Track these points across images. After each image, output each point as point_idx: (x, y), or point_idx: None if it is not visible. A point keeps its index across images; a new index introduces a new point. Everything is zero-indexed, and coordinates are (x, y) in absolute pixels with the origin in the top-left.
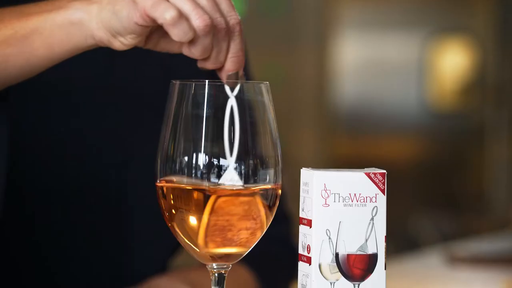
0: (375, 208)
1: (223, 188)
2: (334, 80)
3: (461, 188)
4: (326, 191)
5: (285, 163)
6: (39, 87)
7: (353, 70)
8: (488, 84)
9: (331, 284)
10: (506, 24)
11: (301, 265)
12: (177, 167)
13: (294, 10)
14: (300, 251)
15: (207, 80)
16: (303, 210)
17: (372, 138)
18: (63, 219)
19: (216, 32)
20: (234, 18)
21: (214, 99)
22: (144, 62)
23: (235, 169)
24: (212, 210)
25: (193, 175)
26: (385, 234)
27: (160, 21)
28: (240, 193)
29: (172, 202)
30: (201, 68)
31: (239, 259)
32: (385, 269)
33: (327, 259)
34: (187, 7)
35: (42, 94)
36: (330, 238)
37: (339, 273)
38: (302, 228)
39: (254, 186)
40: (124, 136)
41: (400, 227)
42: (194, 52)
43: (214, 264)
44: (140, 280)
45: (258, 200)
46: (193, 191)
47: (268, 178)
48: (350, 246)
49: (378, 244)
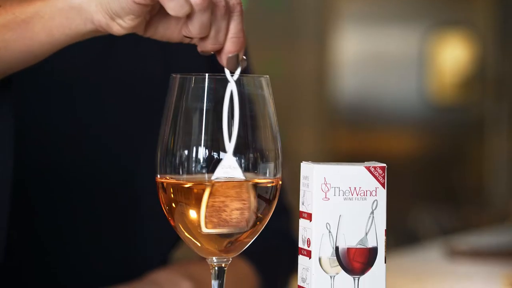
0: (375, 201)
1: (223, 181)
2: (334, 74)
3: (461, 181)
4: (326, 184)
5: (285, 158)
6: (40, 80)
7: (353, 64)
8: (488, 77)
9: (331, 277)
10: (505, 18)
11: (301, 258)
12: (177, 161)
13: (294, 5)
14: (300, 245)
15: (207, 74)
16: (303, 204)
17: (372, 132)
18: (64, 213)
19: (214, 9)
20: None
21: (214, 93)
22: (145, 56)
23: (234, 155)
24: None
25: (193, 169)
26: (385, 228)
27: None
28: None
29: (172, 196)
30: (201, 53)
31: (239, 253)
32: (385, 262)
33: (327, 253)
34: None
35: (45, 86)
36: (330, 232)
37: (339, 266)
38: (302, 222)
39: (254, 179)
40: (125, 129)
41: (400, 220)
42: (192, 30)
43: (214, 258)
44: (141, 273)
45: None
46: (193, 185)
47: (268, 172)
48: (350, 240)
49: (378, 238)
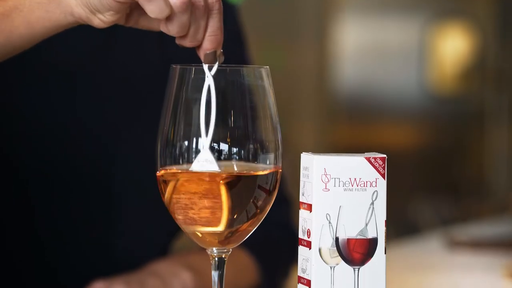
0: (375, 192)
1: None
2: (334, 66)
3: (461, 172)
4: (326, 175)
5: (285, 150)
6: (39, 73)
7: (353, 55)
8: (488, 68)
9: (331, 268)
10: (506, 8)
11: (301, 249)
12: (177, 152)
13: None
14: (300, 236)
15: (207, 65)
16: (303, 195)
17: (372, 123)
18: (61, 206)
19: (194, 9)
20: None
21: (214, 83)
22: (144, 47)
23: (210, 148)
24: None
25: (193, 160)
26: (385, 219)
27: None
28: (243, 176)
29: (172, 187)
30: (179, 45)
31: (239, 243)
32: (385, 253)
33: (327, 244)
34: None
35: (43, 80)
36: (330, 223)
37: (339, 257)
38: (302, 213)
39: (254, 170)
40: (125, 123)
41: (400, 211)
42: (170, 29)
43: (214, 249)
44: (137, 264)
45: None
46: (194, 176)
47: (268, 162)
48: (350, 231)
49: (378, 229)
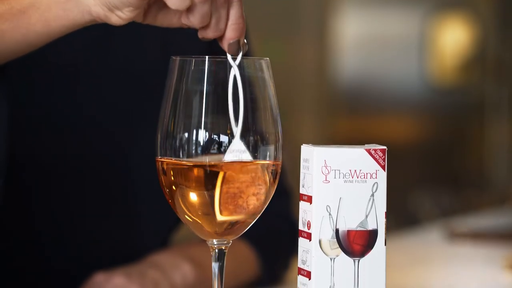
0: (376, 184)
1: (226, 163)
2: (334, 58)
3: (461, 163)
4: (326, 167)
5: (285, 142)
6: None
7: (353, 47)
8: (489, 59)
9: (331, 260)
10: (506, 0)
11: (301, 241)
12: (177, 144)
13: None
14: (300, 227)
15: (207, 56)
16: (303, 187)
17: (372, 115)
18: (65, 197)
19: None
20: None
21: (214, 75)
22: (145, 41)
23: (241, 138)
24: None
25: (193, 151)
26: (385, 210)
27: None
28: (245, 167)
29: (172, 178)
30: (202, 39)
31: (240, 235)
32: (385, 245)
33: (327, 235)
34: None
35: (44, 74)
36: (330, 214)
37: (339, 249)
38: (302, 204)
39: (254, 162)
40: (125, 116)
41: (400, 203)
42: (192, 20)
43: (214, 240)
44: (141, 255)
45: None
46: (193, 167)
47: (268, 154)
48: (350, 222)
49: (378, 220)
